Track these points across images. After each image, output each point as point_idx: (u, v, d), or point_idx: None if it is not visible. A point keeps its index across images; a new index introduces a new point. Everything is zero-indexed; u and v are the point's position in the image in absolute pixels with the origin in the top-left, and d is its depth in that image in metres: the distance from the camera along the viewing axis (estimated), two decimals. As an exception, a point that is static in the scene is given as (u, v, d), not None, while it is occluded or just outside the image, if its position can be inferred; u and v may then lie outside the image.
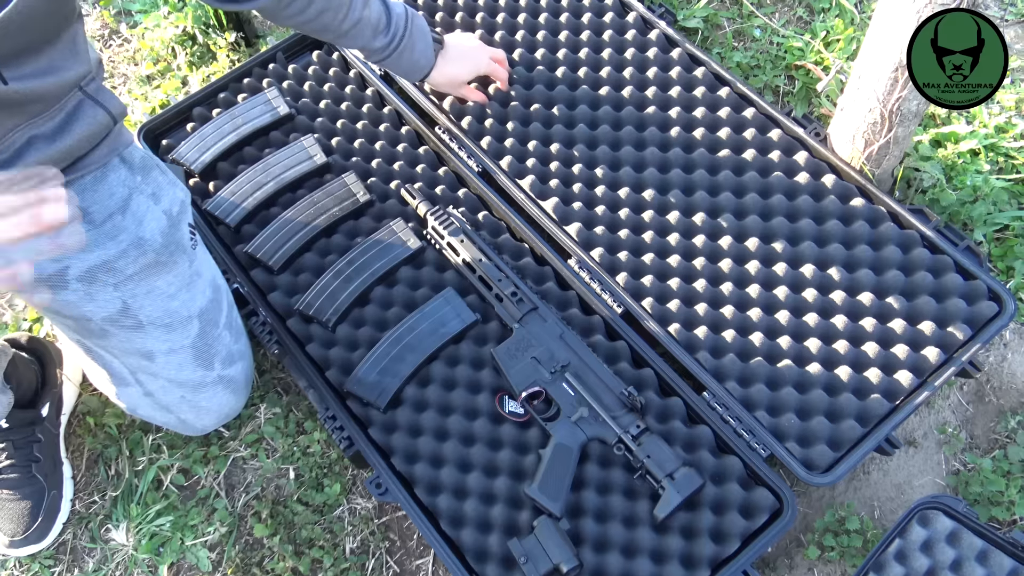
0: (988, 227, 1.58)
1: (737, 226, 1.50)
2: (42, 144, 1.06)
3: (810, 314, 1.41)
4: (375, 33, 1.40)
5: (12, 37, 0.93)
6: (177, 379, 1.30)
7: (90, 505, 1.50)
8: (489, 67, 1.61)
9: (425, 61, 1.50)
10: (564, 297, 1.48)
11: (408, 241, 1.52)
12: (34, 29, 0.96)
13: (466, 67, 1.57)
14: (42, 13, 0.95)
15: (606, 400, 1.33)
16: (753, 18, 1.88)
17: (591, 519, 1.28)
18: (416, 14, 1.46)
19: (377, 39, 1.41)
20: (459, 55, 1.55)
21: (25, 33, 0.95)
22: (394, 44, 1.43)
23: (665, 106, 1.63)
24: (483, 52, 1.60)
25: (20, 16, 0.91)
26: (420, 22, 1.47)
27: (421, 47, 1.47)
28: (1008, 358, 1.51)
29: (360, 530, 1.45)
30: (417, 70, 1.52)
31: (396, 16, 1.42)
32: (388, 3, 1.41)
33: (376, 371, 1.39)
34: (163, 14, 2.03)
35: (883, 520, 1.40)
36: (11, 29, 0.91)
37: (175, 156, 1.64)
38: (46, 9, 0.95)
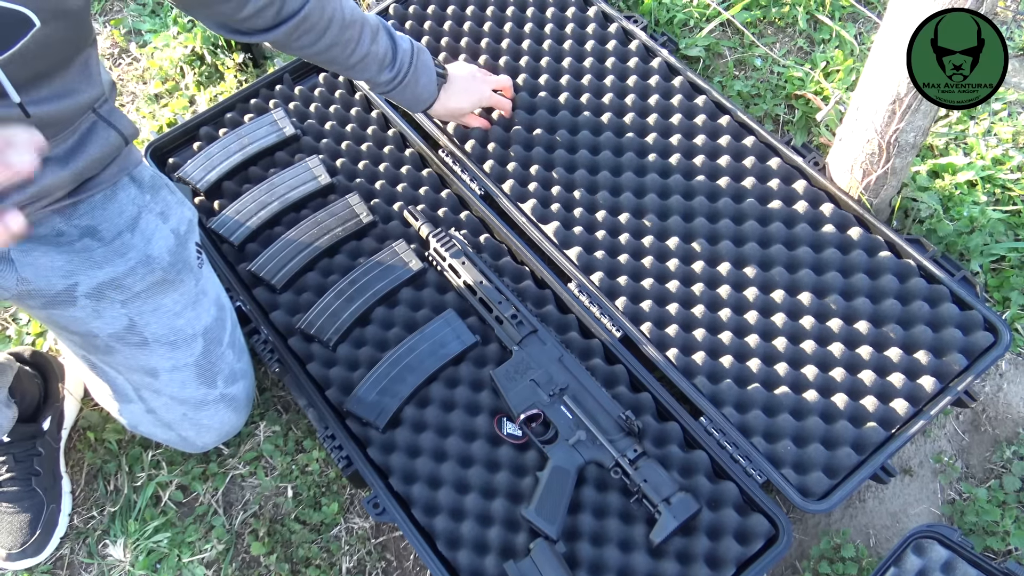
0: (984, 258, 1.60)
1: (736, 253, 1.51)
2: (55, 166, 1.07)
3: (807, 341, 1.42)
4: (381, 68, 1.43)
5: (30, 64, 0.95)
6: (180, 397, 1.31)
7: (88, 520, 1.51)
8: (492, 99, 1.63)
9: (428, 95, 1.53)
10: (563, 320, 1.49)
11: (410, 262, 1.54)
12: (51, 55, 0.98)
13: (468, 100, 1.60)
14: (60, 40, 0.97)
15: (604, 424, 1.34)
16: (754, 48, 1.91)
17: (587, 542, 1.29)
18: (421, 49, 1.49)
19: (383, 73, 1.44)
20: (462, 88, 1.58)
21: (43, 60, 0.97)
22: (398, 79, 1.45)
23: (666, 133, 1.65)
24: (485, 84, 1.62)
25: (37, 45, 0.93)
26: (425, 57, 1.49)
27: (424, 81, 1.49)
28: (1004, 388, 1.52)
29: (357, 550, 1.45)
30: (420, 103, 1.54)
31: (402, 52, 1.44)
32: (395, 38, 1.44)
33: (376, 391, 1.40)
34: (172, 34, 2.06)
35: (878, 548, 1.41)
36: (28, 57, 0.93)
37: (181, 174, 1.66)
38: (64, 36, 0.97)
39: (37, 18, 0.91)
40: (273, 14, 1.25)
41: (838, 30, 1.90)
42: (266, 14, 1.24)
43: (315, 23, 1.29)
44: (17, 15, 0.90)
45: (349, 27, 1.34)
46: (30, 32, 0.91)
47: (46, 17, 0.92)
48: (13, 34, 0.91)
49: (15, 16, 0.90)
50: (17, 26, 0.91)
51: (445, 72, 1.55)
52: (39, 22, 0.92)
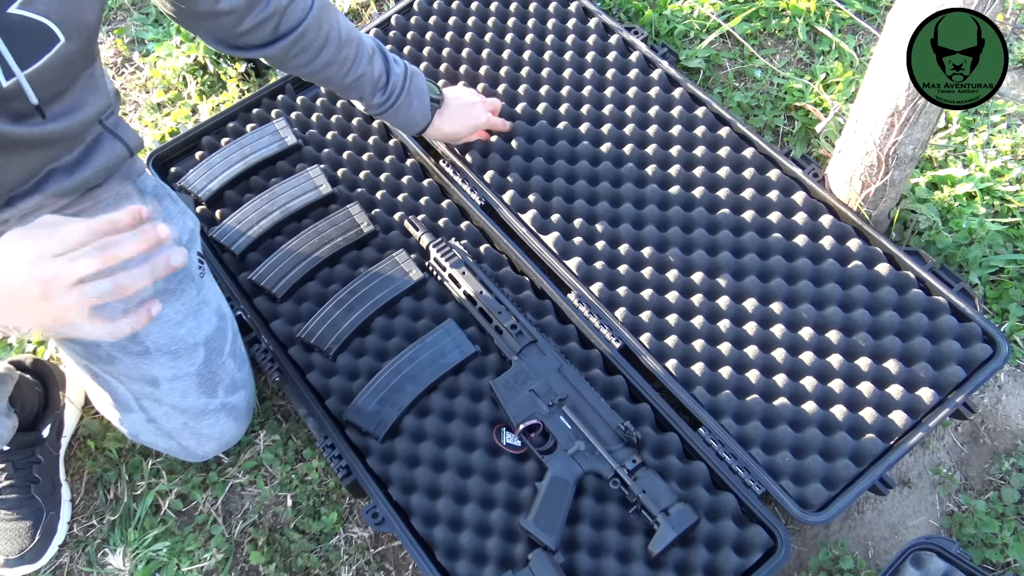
0: (983, 270, 1.60)
1: (735, 263, 1.52)
2: (62, 176, 1.08)
3: (806, 352, 1.43)
4: (375, 90, 1.44)
5: (54, 82, 0.97)
6: (181, 406, 1.31)
7: (88, 529, 1.51)
8: (489, 123, 1.64)
9: (420, 119, 1.54)
10: (563, 331, 1.50)
11: (410, 272, 1.54)
12: (70, 72, 1.00)
13: (463, 126, 1.61)
14: (79, 57, 0.99)
15: (603, 434, 1.34)
16: (754, 59, 1.92)
17: (586, 553, 1.29)
18: (416, 73, 1.50)
19: (376, 96, 1.45)
20: (457, 114, 1.59)
21: (64, 77, 0.98)
22: (390, 102, 1.46)
23: (666, 145, 1.66)
24: (481, 109, 1.62)
25: (61, 62, 0.95)
26: (419, 82, 1.50)
27: (417, 105, 1.50)
28: (1002, 400, 1.53)
29: (356, 559, 1.45)
30: (412, 126, 1.55)
31: (395, 76, 1.45)
32: (390, 61, 1.45)
33: (375, 401, 1.41)
34: (175, 43, 2.07)
35: (877, 560, 1.41)
36: (53, 74, 0.95)
37: (183, 183, 1.67)
38: (82, 53, 0.99)
39: (61, 32, 0.93)
40: (271, 30, 1.26)
41: (838, 42, 1.91)
42: (264, 30, 1.25)
43: (312, 41, 1.31)
44: (43, 28, 0.92)
45: (345, 46, 1.35)
46: (55, 47, 0.92)
47: (69, 32, 0.94)
48: (39, 48, 0.92)
49: (41, 29, 0.91)
50: (43, 40, 0.92)
51: (441, 97, 1.56)
52: (63, 37, 0.93)
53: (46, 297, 0.83)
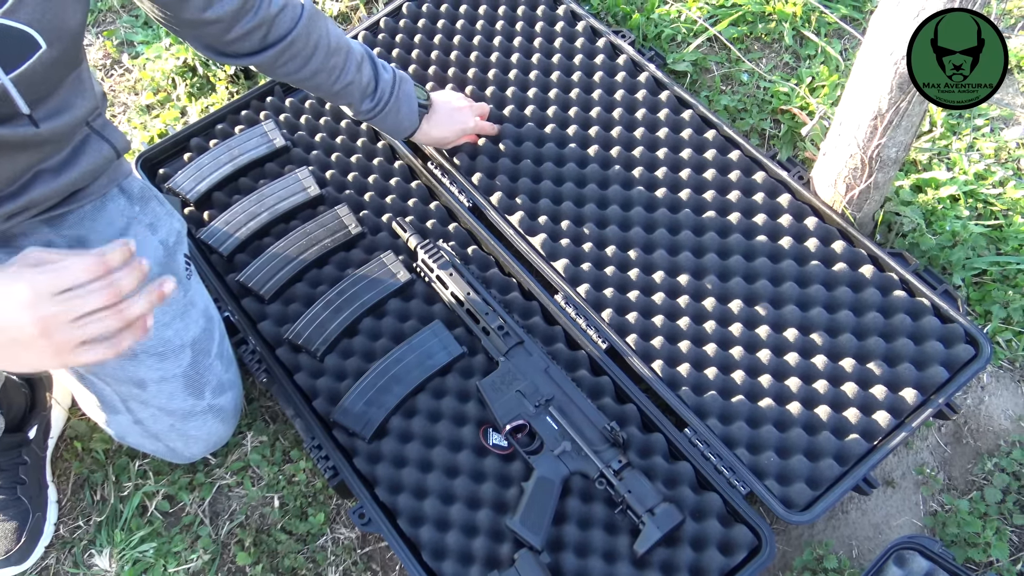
0: (966, 271, 1.62)
1: (721, 266, 1.53)
2: (48, 177, 1.09)
3: (791, 353, 1.44)
4: (363, 96, 1.45)
5: (37, 87, 0.97)
6: (167, 408, 1.31)
7: (74, 530, 1.51)
8: (477, 127, 1.65)
9: (408, 124, 1.54)
10: (550, 332, 1.51)
11: (398, 274, 1.55)
12: (54, 77, 1.00)
13: (452, 131, 1.62)
14: (63, 62, 0.99)
15: (589, 435, 1.35)
16: (741, 63, 1.94)
17: (571, 553, 1.30)
18: (404, 79, 1.51)
19: (364, 102, 1.46)
20: (446, 118, 1.60)
21: (47, 83, 0.99)
22: (378, 108, 1.47)
23: (653, 147, 1.67)
24: (469, 114, 1.63)
25: (44, 67, 0.95)
26: (407, 88, 1.51)
27: (405, 111, 1.51)
28: (985, 401, 1.54)
29: (343, 560, 1.45)
30: (400, 131, 1.56)
31: (383, 82, 1.46)
32: (379, 68, 1.46)
33: (362, 401, 1.41)
34: (164, 45, 2.07)
35: (861, 559, 1.42)
36: (36, 80, 0.95)
37: (171, 185, 1.67)
38: (65, 58, 1.00)
39: (43, 39, 0.93)
40: (259, 39, 1.26)
41: (823, 46, 1.92)
42: (252, 38, 1.26)
43: (301, 49, 1.31)
44: (23, 35, 0.92)
45: (334, 54, 1.36)
46: (36, 54, 0.93)
47: (51, 39, 0.94)
48: (21, 54, 0.93)
49: (21, 35, 0.92)
50: (24, 46, 0.93)
51: (429, 103, 1.57)
52: (45, 44, 0.94)
53: (47, 335, 0.85)
